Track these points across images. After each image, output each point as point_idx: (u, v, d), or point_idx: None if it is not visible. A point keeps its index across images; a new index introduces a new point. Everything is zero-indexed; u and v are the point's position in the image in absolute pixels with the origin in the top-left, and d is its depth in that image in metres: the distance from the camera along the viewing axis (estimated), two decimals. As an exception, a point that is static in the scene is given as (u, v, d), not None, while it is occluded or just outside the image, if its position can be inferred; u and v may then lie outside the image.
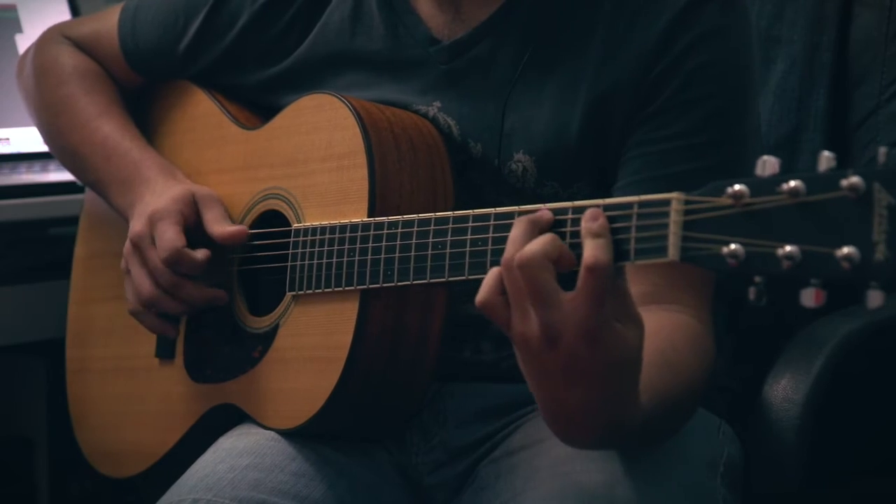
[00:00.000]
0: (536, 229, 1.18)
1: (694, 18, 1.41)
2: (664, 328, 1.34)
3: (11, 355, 2.15)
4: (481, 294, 1.18)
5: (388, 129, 1.45)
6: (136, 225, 1.56)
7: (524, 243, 1.16)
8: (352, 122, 1.45)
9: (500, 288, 1.17)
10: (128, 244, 1.57)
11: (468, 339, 1.49)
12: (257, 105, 1.64)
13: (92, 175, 1.69)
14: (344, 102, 1.46)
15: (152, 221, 1.54)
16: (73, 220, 1.96)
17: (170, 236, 1.52)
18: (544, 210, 1.20)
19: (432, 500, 1.51)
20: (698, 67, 1.40)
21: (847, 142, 1.75)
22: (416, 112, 1.50)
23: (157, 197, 1.56)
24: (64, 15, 2.25)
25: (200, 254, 1.52)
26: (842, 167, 1.04)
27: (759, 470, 1.47)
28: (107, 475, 1.74)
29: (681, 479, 1.37)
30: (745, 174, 1.39)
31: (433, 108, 1.50)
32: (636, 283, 1.38)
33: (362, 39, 1.54)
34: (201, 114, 1.66)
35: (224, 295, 1.55)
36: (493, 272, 1.18)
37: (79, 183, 1.92)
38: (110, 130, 1.67)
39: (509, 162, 1.46)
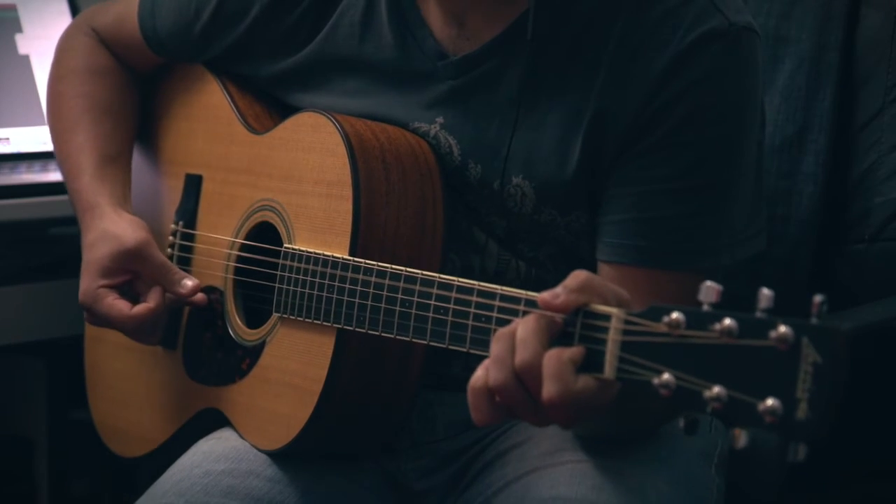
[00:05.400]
0: (549, 333, 1.17)
1: (696, 59, 1.36)
2: None
3: (11, 355, 2.15)
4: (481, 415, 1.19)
5: (379, 158, 1.44)
6: (82, 286, 1.58)
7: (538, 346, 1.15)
8: (342, 150, 1.43)
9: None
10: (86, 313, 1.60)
11: (457, 356, 1.48)
12: (272, 97, 1.63)
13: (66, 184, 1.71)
14: (337, 128, 1.45)
15: (89, 299, 1.57)
16: (73, 220, 1.95)
17: (115, 314, 1.55)
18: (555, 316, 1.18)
19: (421, 504, 1.51)
20: (693, 111, 1.36)
21: (852, 142, 1.74)
22: (416, 130, 1.48)
23: (91, 250, 1.58)
24: (64, 15, 2.25)
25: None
26: (777, 311, 1.04)
27: (742, 471, 1.47)
28: (114, 452, 1.74)
29: (678, 466, 1.38)
30: (727, 217, 1.40)
31: (435, 126, 1.48)
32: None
33: (371, 46, 1.52)
34: (214, 105, 1.65)
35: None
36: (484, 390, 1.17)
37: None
38: (77, 146, 1.68)
39: (508, 185, 1.44)
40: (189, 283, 1.56)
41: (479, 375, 1.16)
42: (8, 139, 2.14)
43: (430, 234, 1.44)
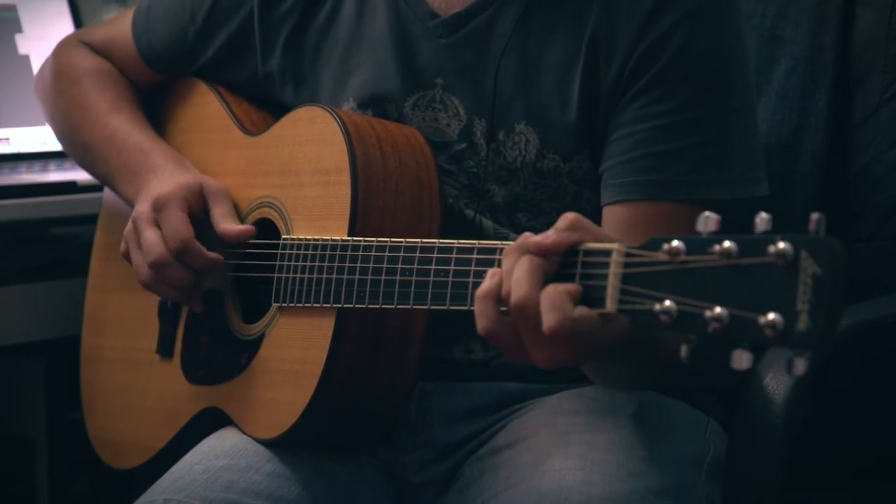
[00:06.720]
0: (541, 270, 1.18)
1: None
2: None
3: (11, 355, 2.15)
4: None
5: (376, 146, 1.45)
6: (139, 206, 1.55)
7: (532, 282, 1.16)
8: (339, 138, 1.45)
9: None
10: (129, 225, 1.56)
11: (458, 340, 1.50)
12: (267, 102, 1.64)
13: (103, 167, 1.69)
14: (334, 117, 1.47)
15: (157, 206, 1.53)
16: (73, 220, 1.96)
17: (177, 224, 1.51)
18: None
19: (419, 498, 1.51)
20: (687, 43, 1.41)
21: (848, 141, 1.75)
22: (423, 98, 1.50)
23: (163, 182, 1.56)
24: (64, 15, 2.25)
25: (213, 253, 1.52)
26: (777, 230, 1.04)
27: (740, 470, 1.47)
28: (108, 465, 1.75)
29: (659, 476, 1.38)
30: (732, 151, 1.42)
31: (438, 90, 1.50)
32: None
33: (368, 21, 1.55)
34: (210, 115, 1.66)
35: (215, 274, 1.55)
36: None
37: (79, 184, 1.92)
38: (120, 124, 1.68)
39: (512, 134, 1.46)
40: (236, 228, 1.53)
41: (488, 283, 1.18)
42: (8, 139, 2.15)
43: (428, 220, 1.45)
